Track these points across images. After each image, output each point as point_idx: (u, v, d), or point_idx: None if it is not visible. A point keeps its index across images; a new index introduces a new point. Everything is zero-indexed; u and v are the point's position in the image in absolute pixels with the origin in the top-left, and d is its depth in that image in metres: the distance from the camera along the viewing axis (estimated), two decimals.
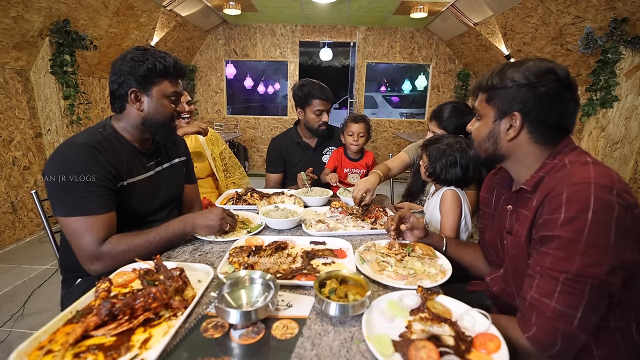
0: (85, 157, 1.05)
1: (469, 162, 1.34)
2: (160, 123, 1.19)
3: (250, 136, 6.70)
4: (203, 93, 6.54)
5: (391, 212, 1.50)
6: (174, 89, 1.19)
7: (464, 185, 1.38)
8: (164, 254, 1.13)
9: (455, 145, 1.35)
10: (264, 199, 1.60)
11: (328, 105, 2.00)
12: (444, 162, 1.34)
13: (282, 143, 2.17)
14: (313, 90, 1.97)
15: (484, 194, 1.13)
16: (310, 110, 2.02)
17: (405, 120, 6.65)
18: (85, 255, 1.05)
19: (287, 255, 1.08)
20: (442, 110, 1.70)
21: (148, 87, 1.15)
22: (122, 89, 1.14)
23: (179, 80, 1.23)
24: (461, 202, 1.33)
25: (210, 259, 1.11)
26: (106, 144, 1.12)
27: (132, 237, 1.10)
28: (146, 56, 1.13)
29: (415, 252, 1.09)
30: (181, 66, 1.21)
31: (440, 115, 1.69)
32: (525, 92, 0.82)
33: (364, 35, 6.10)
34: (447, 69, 6.16)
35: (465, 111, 1.69)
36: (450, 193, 1.34)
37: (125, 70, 1.12)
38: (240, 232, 1.29)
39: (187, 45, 5.83)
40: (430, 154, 1.38)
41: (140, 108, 1.17)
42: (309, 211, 1.55)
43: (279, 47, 6.25)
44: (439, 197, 1.37)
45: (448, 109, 1.69)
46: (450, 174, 1.34)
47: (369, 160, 2.19)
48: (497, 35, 4.39)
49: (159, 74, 1.15)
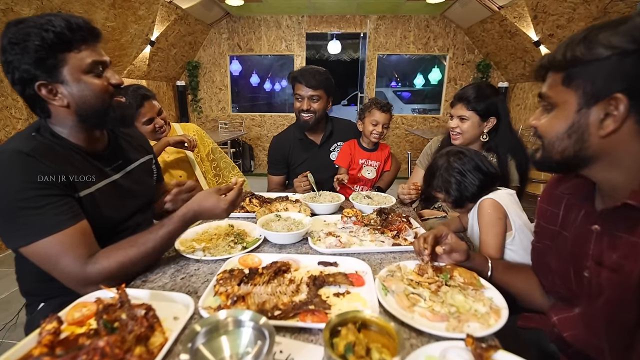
0: (20, 167, 0.82)
1: (478, 160, 1.12)
2: (97, 110, 0.92)
3: (256, 134, 6.49)
4: (207, 90, 6.34)
5: (416, 224, 1.25)
6: (90, 58, 0.87)
7: (494, 185, 1.13)
8: (139, 276, 0.91)
9: (445, 157, 1.15)
10: (264, 206, 1.36)
11: (308, 91, 1.75)
12: (454, 181, 1.12)
13: (284, 141, 1.94)
14: (297, 75, 1.76)
15: (545, 205, 0.87)
16: (295, 98, 1.83)
17: (418, 116, 6.35)
18: (72, 281, 0.84)
19: (289, 281, 0.85)
20: (466, 92, 1.50)
21: (54, 71, 0.85)
22: (28, 88, 0.86)
23: (90, 45, 0.88)
24: (504, 211, 1.08)
25: (194, 284, 0.88)
26: (44, 150, 0.86)
27: (124, 249, 0.88)
28: (26, 31, 0.82)
29: (455, 279, 0.85)
30: (81, 24, 0.86)
31: (466, 96, 1.49)
32: (634, 64, 0.57)
33: (375, 24, 5.81)
34: (465, 60, 5.82)
35: (489, 91, 1.51)
36: (488, 203, 1.08)
37: (13, 63, 0.83)
38: (234, 249, 1.06)
39: (190, 40, 5.63)
40: (438, 187, 1.16)
41: (64, 103, 0.89)
42: (317, 220, 1.31)
43: (284, 40, 6.01)
44: (476, 208, 1.12)
45: (473, 90, 1.50)
46: (470, 187, 1.10)
47: (384, 152, 1.96)
48: (526, 18, 4.05)
49: (56, 48, 0.84)
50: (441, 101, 6.17)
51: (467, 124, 1.49)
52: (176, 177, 1.81)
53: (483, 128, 1.50)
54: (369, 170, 1.92)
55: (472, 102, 1.47)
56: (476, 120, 1.48)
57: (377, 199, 1.51)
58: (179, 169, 1.82)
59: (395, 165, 2.00)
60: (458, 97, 1.52)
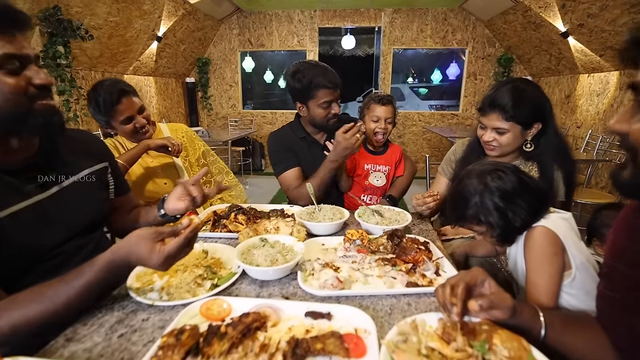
0: None
1: (523, 176, 0.84)
2: (6, 115, 0.71)
3: (267, 132, 6.28)
4: (217, 87, 6.19)
5: (438, 252, 0.99)
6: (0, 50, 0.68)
7: (546, 207, 0.85)
8: (65, 331, 0.69)
9: (478, 178, 0.85)
10: (250, 225, 1.13)
11: (336, 93, 1.51)
12: (497, 209, 0.82)
13: (285, 136, 1.67)
14: (315, 78, 1.46)
15: (623, 240, 0.61)
16: (315, 104, 1.51)
17: (436, 113, 6.00)
18: None
19: (260, 349, 0.61)
20: (501, 97, 1.16)
21: None
22: None
23: (5, 34, 0.69)
24: (561, 244, 0.80)
25: (133, 347, 0.64)
26: None
27: (21, 306, 0.65)
28: None
29: (496, 353, 0.59)
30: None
31: (501, 104, 1.16)
32: None
33: (390, 18, 5.49)
34: (485, 54, 5.44)
35: (529, 92, 1.18)
36: (541, 233, 0.81)
37: None
38: (201, 287, 0.83)
39: (199, 36, 5.47)
40: (474, 219, 0.86)
41: None
42: (314, 244, 1.07)
43: (296, 35, 5.77)
44: (522, 238, 0.85)
45: (509, 94, 1.16)
46: (519, 214, 0.81)
47: (395, 154, 1.68)
48: (552, 8, 3.67)
49: None
50: (460, 97, 5.79)
51: (507, 137, 1.19)
52: (160, 185, 1.60)
53: (526, 136, 1.21)
54: (378, 176, 1.65)
55: (509, 111, 1.15)
56: (517, 131, 1.18)
57: (388, 216, 1.24)
58: (164, 176, 1.61)
59: (410, 169, 1.72)
60: (491, 103, 1.19)
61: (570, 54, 4.00)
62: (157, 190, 1.61)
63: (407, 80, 9.30)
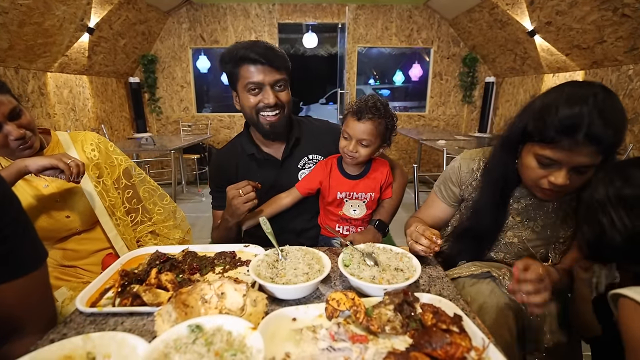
0: None
1: None
2: None
3: (225, 137, 5.76)
4: (167, 88, 5.55)
5: (477, 331, 0.64)
6: None
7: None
8: None
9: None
10: (177, 295, 0.71)
11: (270, 71, 1.09)
12: None
13: (227, 159, 1.29)
14: (239, 51, 1.07)
15: None
16: (242, 89, 1.12)
17: (403, 114, 5.82)
18: None
19: None
20: (596, 126, 0.76)
21: None
22: None
23: None
24: None
25: None
26: None
27: None
28: None
29: None
30: None
31: (601, 137, 0.76)
32: None
33: (354, 14, 5.22)
34: (450, 53, 5.34)
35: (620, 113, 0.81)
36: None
37: None
38: None
39: (142, 30, 4.83)
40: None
41: None
42: (279, 322, 0.67)
43: (254, 30, 5.31)
44: None
45: (604, 122, 0.76)
46: None
47: (381, 175, 1.27)
48: (520, 5, 3.57)
49: None
50: (426, 97, 5.67)
51: (588, 176, 0.84)
52: (61, 220, 1.12)
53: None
54: (355, 205, 1.26)
55: (608, 140, 0.77)
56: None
57: (385, 260, 0.87)
58: (65, 208, 1.13)
59: (400, 180, 1.36)
60: (587, 135, 0.76)
61: (536, 54, 3.95)
62: (57, 227, 1.14)
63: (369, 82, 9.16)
